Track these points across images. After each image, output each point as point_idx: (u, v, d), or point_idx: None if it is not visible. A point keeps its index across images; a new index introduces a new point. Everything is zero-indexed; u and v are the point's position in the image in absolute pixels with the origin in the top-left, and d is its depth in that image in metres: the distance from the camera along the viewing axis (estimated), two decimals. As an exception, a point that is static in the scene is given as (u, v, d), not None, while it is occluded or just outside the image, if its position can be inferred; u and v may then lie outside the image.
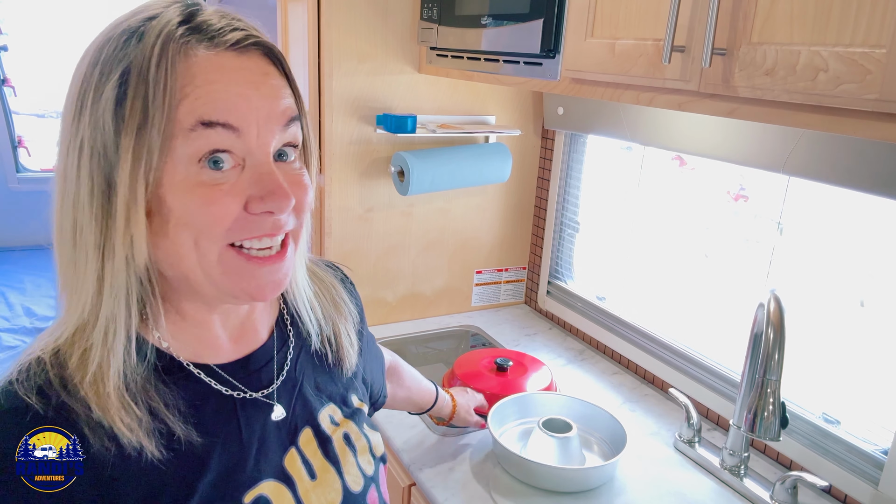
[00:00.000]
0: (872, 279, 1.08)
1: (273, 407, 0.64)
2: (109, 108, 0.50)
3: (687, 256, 1.42)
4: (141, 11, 0.52)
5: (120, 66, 0.50)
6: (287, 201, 0.54)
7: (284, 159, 0.57)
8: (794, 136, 1.05)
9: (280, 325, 0.69)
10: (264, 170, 0.53)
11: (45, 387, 0.52)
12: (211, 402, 0.59)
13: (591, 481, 1.09)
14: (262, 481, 0.60)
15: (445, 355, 1.71)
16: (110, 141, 0.50)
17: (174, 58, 0.50)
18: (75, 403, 0.52)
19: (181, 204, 0.51)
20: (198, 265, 0.54)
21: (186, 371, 0.59)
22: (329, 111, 1.47)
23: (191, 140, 0.50)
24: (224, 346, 0.63)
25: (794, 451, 1.13)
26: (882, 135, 0.65)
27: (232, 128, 0.51)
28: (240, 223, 0.53)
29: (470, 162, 1.55)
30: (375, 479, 0.71)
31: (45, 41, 3.60)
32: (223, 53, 0.52)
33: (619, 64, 0.93)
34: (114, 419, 0.52)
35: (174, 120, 0.50)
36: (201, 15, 0.53)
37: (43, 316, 2.98)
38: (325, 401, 0.69)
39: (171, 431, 0.55)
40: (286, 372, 0.67)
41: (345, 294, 0.77)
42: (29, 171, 3.68)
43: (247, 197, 0.53)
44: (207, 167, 0.51)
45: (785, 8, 0.71)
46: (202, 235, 0.52)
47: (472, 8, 1.26)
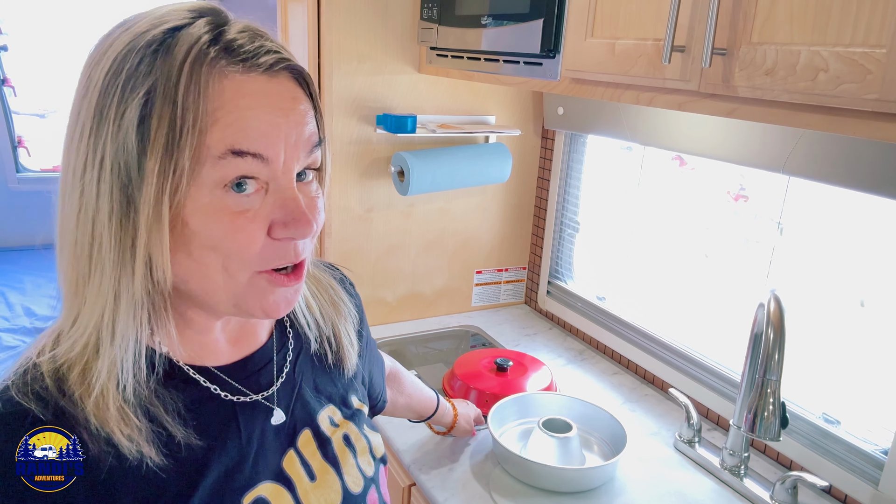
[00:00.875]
0: (872, 279, 1.08)
1: (273, 411, 0.64)
2: (133, 126, 0.48)
3: (687, 256, 1.42)
4: (162, 20, 0.50)
5: (146, 83, 0.48)
6: (310, 228, 0.54)
7: (303, 179, 0.56)
8: (794, 136, 1.05)
9: (279, 328, 0.69)
10: (288, 195, 0.53)
11: (43, 392, 0.52)
12: (209, 405, 0.59)
13: (591, 481, 1.09)
14: (260, 483, 0.60)
15: (445, 355, 1.71)
16: (133, 161, 0.49)
17: (206, 80, 0.48)
18: (74, 409, 0.52)
19: (206, 228, 0.51)
20: (223, 286, 0.54)
21: (185, 375, 0.59)
22: (329, 111, 1.47)
23: (219, 167, 0.49)
24: (223, 348, 0.63)
25: (794, 451, 1.14)
26: (882, 135, 0.65)
27: (262, 157, 0.51)
28: (267, 250, 0.53)
29: (470, 162, 1.55)
30: (375, 480, 0.70)
31: (45, 41, 3.60)
32: (256, 77, 0.51)
33: (619, 64, 0.93)
34: (113, 430, 0.52)
35: (203, 145, 0.49)
36: (230, 32, 0.51)
37: (43, 316, 2.98)
38: (325, 402, 0.69)
39: (171, 435, 0.55)
40: (285, 374, 0.66)
41: (343, 294, 0.77)
42: (29, 171, 3.67)
43: (270, 221, 0.53)
44: (232, 191, 0.51)
45: (785, 8, 0.71)
46: (231, 260, 0.52)
47: (472, 8, 1.26)
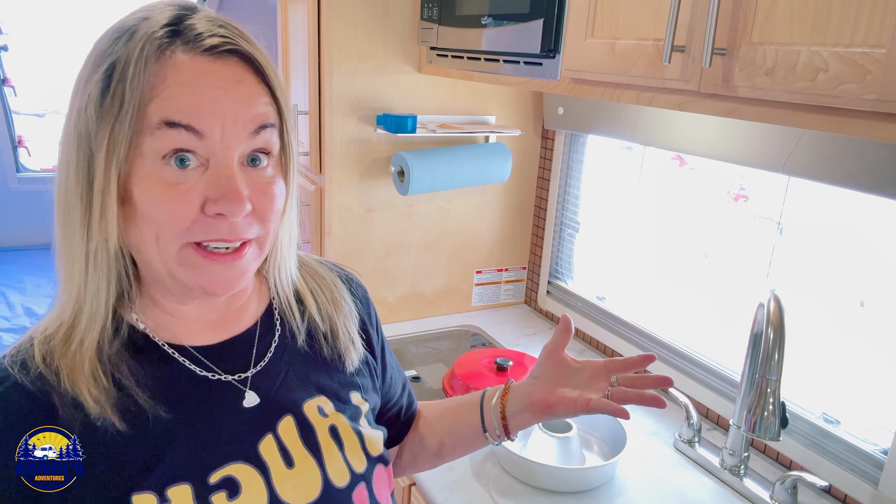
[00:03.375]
0: (872, 279, 1.08)
1: (244, 393, 0.64)
2: (94, 100, 0.53)
3: (687, 256, 1.42)
4: (140, 12, 0.55)
5: (107, 61, 0.53)
6: (240, 206, 0.55)
7: (257, 165, 0.58)
8: (794, 136, 1.05)
9: (266, 316, 0.70)
10: (223, 173, 0.55)
11: (28, 360, 0.57)
12: (182, 381, 0.61)
13: (591, 481, 1.09)
14: (230, 463, 0.60)
15: (445, 355, 1.71)
16: (93, 131, 0.53)
17: (149, 58, 0.52)
18: (50, 374, 0.56)
19: (144, 198, 0.54)
20: (158, 257, 0.56)
21: (161, 351, 0.61)
22: (329, 111, 1.47)
23: (156, 138, 0.53)
24: (202, 330, 0.65)
25: (793, 451, 1.13)
26: (882, 135, 0.65)
27: (194, 130, 0.53)
28: (198, 224, 0.55)
29: (470, 162, 1.55)
30: (367, 479, 0.68)
31: (45, 41, 3.60)
32: (198, 57, 0.54)
33: (619, 64, 0.93)
34: (81, 390, 0.55)
35: (143, 117, 0.52)
36: (190, 19, 0.55)
37: (43, 316, 2.98)
38: (314, 392, 0.69)
39: (140, 406, 0.57)
40: (268, 359, 0.67)
41: (346, 293, 0.77)
42: (29, 170, 3.67)
43: (204, 197, 0.55)
44: (172, 164, 0.54)
45: (785, 8, 0.71)
46: (162, 231, 0.55)
47: (473, 8, 1.26)
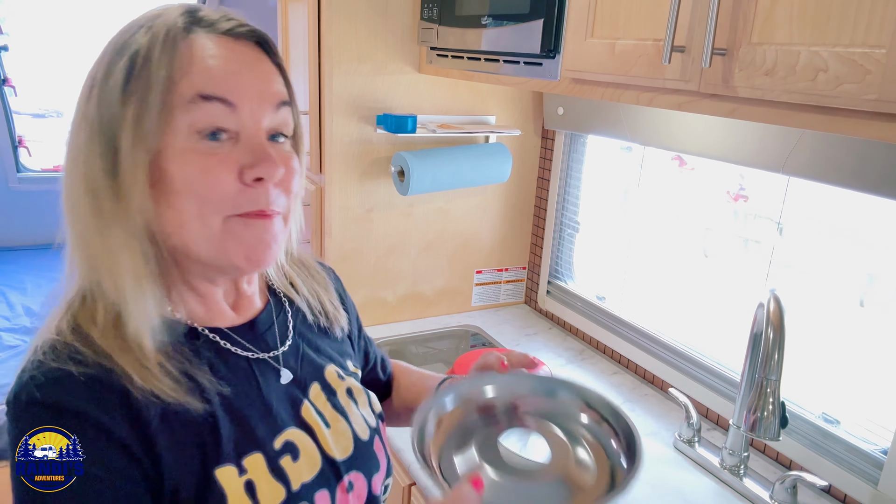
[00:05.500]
0: (872, 279, 1.08)
1: (280, 371, 0.68)
2: (118, 85, 0.55)
3: (687, 256, 1.42)
4: (150, 12, 0.59)
5: (129, 50, 0.56)
6: (276, 168, 0.58)
7: (277, 141, 0.61)
8: (794, 136, 1.05)
9: (273, 294, 0.75)
10: (255, 141, 0.58)
11: (76, 355, 0.55)
12: (230, 360, 0.64)
13: (591, 481, 1.08)
14: (287, 428, 0.65)
15: (445, 355, 1.71)
16: (117, 111, 0.55)
17: (175, 39, 0.56)
18: (115, 367, 0.55)
19: (180, 171, 0.55)
20: (201, 234, 0.58)
21: (203, 336, 0.64)
22: (329, 111, 1.47)
23: (190, 112, 0.55)
24: (228, 313, 0.68)
25: (793, 451, 1.14)
26: (882, 135, 0.65)
27: (228, 102, 0.56)
28: (239, 196, 0.57)
29: (470, 162, 1.55)
30: (378, 432, 0.75)
31: (45, 41, 3.60)
32: (220, 38, 0.58)
33: (619, 64, 0.93)
34: (154, 385, 0.56)
35: (175, 93, 0.55)
36: (202, 12, 0.60)
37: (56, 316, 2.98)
38: (327, 360, 0.75)
39: (204, 387, 0.59)
40: (290, 336, 0.72)
41: (318, 267, 0.83)
42: (29, 170, 3.66)
43: (240, 166, 0.57)
44: (205, 139, 0.56)
45: (785, 8, 0.71)
46: (206, 203, 0.56)
47: (473, 8, 1.26)
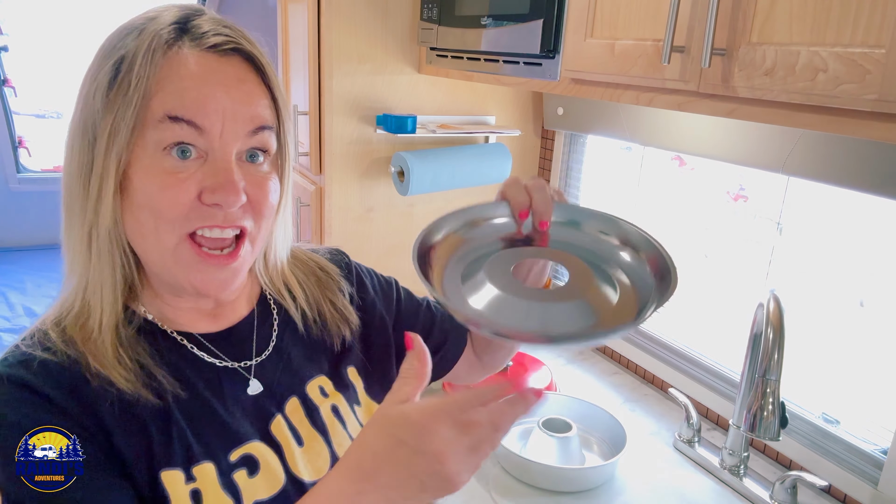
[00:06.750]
0: (872, 279, 1.08)
1: (249, 381, 0.66)
2: (102, 89, 0.55)
3: (687, 256, 1.42)
4: (148, 12, 0.58)
5: (117, 55, 0.55)
6: (235, 196, 0.57)
7: (254, 161, 0.60)
8: (794, 136, 1.05)
9: (261, 302, 0.72)
10: (221, 165, 0.57)
11: (48, 342, 0.58)
12: (193, 365, 0.63)
13: (591, 481, 1.09)
14: (248, 442, 0.63)
15: (445, 355, 1.71)
16: (99, 119, 0.55)
17: (156, 51, 0.55)
18: (77, 356, 0.57)
19: (143, 186, 0.56)
20: (155, 248, 0.58)
21: (171, 339, 0.63)
22: (329, 111, 1.47)
23: (159, 130, 0.55)
24: (201, 319, 0.66)
25: (793, 451, 1.14)
26: (882, 135, 0.65)
27: (195, 125, 0.55)
28: (194, 211, 0.57)
29: (470, 162, 1.55)
30: None
31: (45, 41, 3.61)
32: (204, 54, 0.57)
33: (619, 64, 0.93)
34: (111, 372, 0.56)
35: (148, 108, 0.55)
36: (196, 20, 0.58)
37: (51, 305, 2.97)
38: (315, 372, 0.71)
39: (162, 386, 0.59)
40: (272, 346, 0.69)
41: (325, 263, 0.79)
42: (29, 171, 3.66)
43: (201, 187, 0.57)
44: (173, 155, 0.56)
45: (784, 8, 0.71)
46: (160, 218, 0.56)
47: (472, 8, 1.26)
